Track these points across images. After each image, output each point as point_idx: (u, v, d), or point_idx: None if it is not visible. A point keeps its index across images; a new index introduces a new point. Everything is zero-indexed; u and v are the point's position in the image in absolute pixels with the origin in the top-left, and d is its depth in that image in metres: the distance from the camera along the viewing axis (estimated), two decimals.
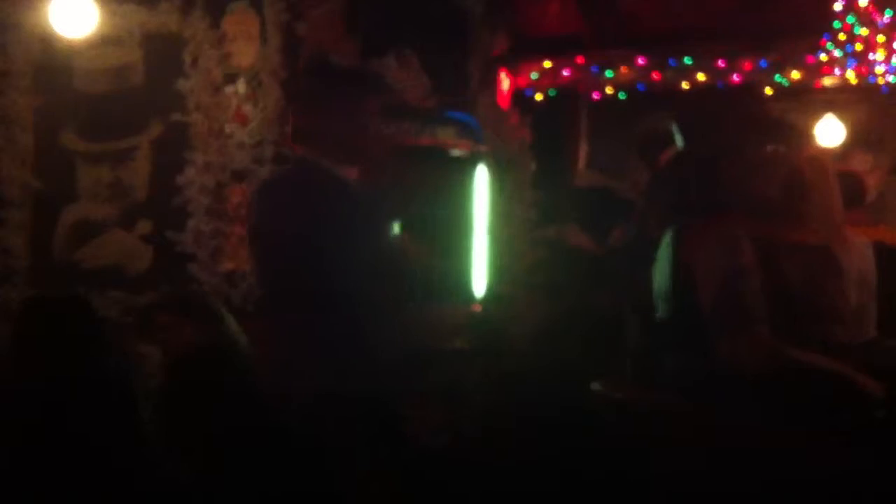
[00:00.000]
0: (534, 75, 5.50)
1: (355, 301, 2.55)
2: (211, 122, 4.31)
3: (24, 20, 4.39)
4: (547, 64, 5.47)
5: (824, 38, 4.89)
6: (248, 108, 4.26)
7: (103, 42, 4.37)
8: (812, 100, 5.40)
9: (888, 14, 4.70)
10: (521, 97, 5.55)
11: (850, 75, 4.98)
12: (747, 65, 5.20)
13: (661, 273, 2.70)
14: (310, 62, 4.09)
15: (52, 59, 4.43)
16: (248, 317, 3.47)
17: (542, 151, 5.09)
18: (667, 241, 2.69)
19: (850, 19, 4.74)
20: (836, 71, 5.00)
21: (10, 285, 4.37)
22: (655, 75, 5.32)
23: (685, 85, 5.29)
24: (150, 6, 4.37)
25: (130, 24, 4.37)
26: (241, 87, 4.29)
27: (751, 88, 5.23)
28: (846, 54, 4.85)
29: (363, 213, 2.61)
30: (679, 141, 4.57)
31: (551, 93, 5.63)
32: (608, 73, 5.40)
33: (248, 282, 4.22)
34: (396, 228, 2.78)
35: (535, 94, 5.63)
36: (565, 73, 5.45)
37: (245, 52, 4.32)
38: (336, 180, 2.64)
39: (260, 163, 4.26)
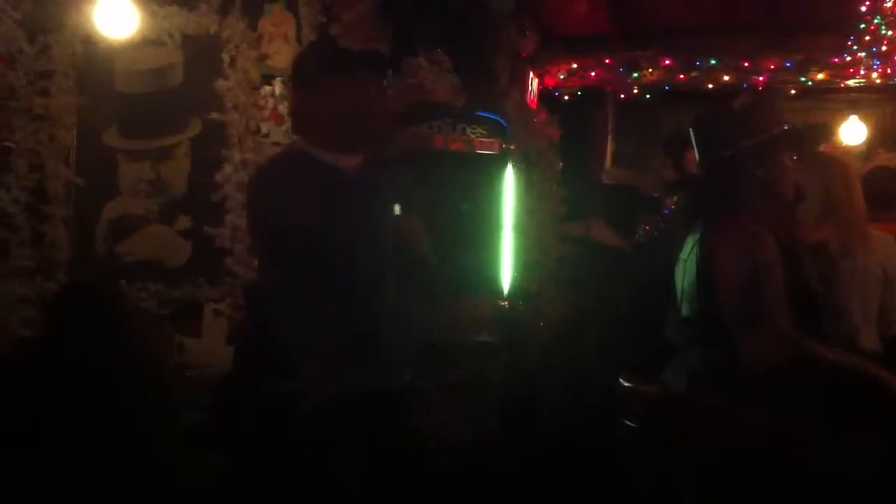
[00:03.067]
0: (561, 75, 5.53)
1: (357, 290, 2.50)
2: (248, 121, 4.36)
3: (67, 22, 4.48)
4: (574, 65, 5.50)
5: (849, 39, 4.87)
6: (283, 108, 4.29)
7: (144, 43, 4.44)
8: (836, 100, 5.40)
9: None
10: (548, 96, 5.58)
11: (875, 76, 5.00)
12: (772, 65, 5.19)
13: (683, 269, 2.70)
14: (309, 46, 4.05)
15: (94, 60, 4.52)
16: None
17: (569, 149, 5.10)
18: (690, 237, 2.70)
19: (876, 20, 4.70)
20: (861, 71, 5.01)
21: (52, 278, 4.46)
22: (681, 76, 5.34)
23: (711, 85, 5.30)
24: (189, 8, 4.42)
25: (170, 26, 4.43)
26: (277, 87, 4.33)
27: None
28: (871, 55, 4.84)
29: (358, 200, 2.53)
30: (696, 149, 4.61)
31: (579, 92, 5.66)
32: (635, 74, 5.42)
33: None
34: (400, 214, 2.70)
35: (562, 93, 5.67)
36: (593, 73, 5.48)
37: (281, 53, 4.35)
38: (325, 167, 2.57)
39: None
